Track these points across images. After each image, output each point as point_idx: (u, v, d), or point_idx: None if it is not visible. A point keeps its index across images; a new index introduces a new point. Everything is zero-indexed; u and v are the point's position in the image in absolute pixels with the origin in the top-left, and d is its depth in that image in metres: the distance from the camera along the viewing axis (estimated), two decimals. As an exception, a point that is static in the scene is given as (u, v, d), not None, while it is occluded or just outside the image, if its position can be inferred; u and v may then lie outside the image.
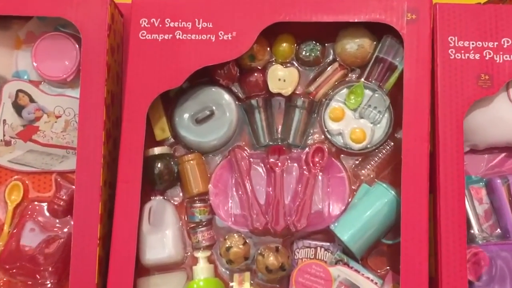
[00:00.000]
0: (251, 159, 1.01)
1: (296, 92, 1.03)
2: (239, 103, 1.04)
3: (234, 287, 0.96)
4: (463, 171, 0.90)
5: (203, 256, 0.99)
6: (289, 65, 1.04)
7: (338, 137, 1.01)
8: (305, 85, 1.04)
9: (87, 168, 0.92)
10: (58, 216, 1.02)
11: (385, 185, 0.98)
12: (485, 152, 1.02)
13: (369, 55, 1.00)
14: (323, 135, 1.03)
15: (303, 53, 1.03)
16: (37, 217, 1.03)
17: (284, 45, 1.03)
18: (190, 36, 0.95)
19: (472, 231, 0.97)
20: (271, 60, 1.04)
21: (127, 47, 0.98)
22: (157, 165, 1.00)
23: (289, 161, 1.00)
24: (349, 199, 1.00)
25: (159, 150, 1.01)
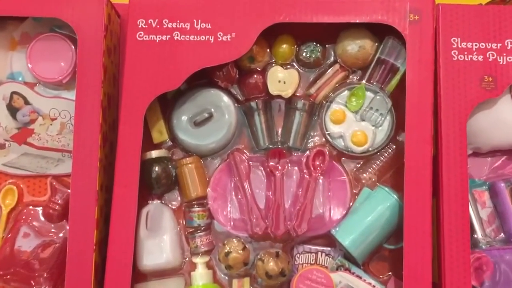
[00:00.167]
0: (251, 163, 1.01)
1: (296, 94, 1.03)
2: (238, 105, 1.04)
3: (233, 293, 0.96)
4: (467, 174, 0.90)
5: (202, 261, 0.98)
6: (289, 66, 1.04)
7: (339, 140, 1.01)
8: (305, 87, 1.04)
9: (83, 171, 0.92)
10: (54, 220, 1.02)
11: (387, 189, 0.98)
12: (488, 155, 1.02)
13: (370, 57, 1.00)
14: (324, 138, 1.03)
15: (304, 54, 1.02)
16: (32, 221, 1.03)
17: (284, 46, 1.03)
18: (188, 37, 0.95)
19: (475, 235, 0.96)
20: (271, 61, 1.04)
21: (124, 48, 0.97)
22: (154, 168, 0.99)
23: (289, 164, 1.01)
24: (351, 203, 1.00)
25: (156, 154, 1.01)
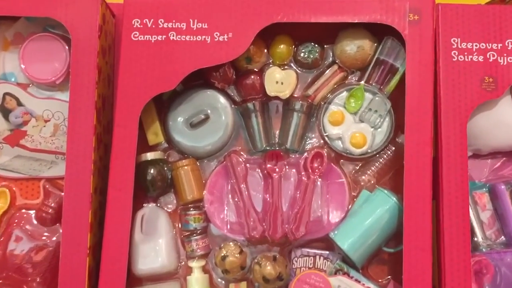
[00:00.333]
0: (248, 165, 1.01)
1: (294, 95, 1.03)
2: (235, 106, 1.03)
3: (230, 298, 0.96)
4: (467, 176, 0.90)
5: (198, 265, 0.98)
6: (287, 67, 1.04)
7: (337, 141, 1.01)
8: (303, 88, 1.04)
9: (77, 174, 0.92)
10: (47, 224, 1.01)
11: (386, 191, 0.98)
12: (488, 156, 1.02)
13: (369, 57, 1.00)
14: (322, 140, 1.03)
15: (302, 55, 1.02)
16: (24, 225, 1.02)
17: (282, 46, 1.02)
18: (184, 37, 0.95)
19: (475, 238, 0.96)
20: (268, 62, 1.04)
21: (119, 49, 0.98)
22: (150, 171, 0.99)
23: (287, 166, 1.00)
24: (349, 206, 0.99)
25: (152, 156, 1.01)
